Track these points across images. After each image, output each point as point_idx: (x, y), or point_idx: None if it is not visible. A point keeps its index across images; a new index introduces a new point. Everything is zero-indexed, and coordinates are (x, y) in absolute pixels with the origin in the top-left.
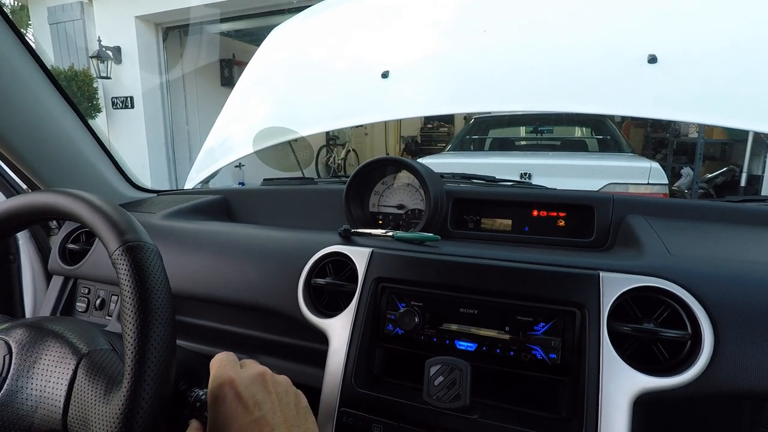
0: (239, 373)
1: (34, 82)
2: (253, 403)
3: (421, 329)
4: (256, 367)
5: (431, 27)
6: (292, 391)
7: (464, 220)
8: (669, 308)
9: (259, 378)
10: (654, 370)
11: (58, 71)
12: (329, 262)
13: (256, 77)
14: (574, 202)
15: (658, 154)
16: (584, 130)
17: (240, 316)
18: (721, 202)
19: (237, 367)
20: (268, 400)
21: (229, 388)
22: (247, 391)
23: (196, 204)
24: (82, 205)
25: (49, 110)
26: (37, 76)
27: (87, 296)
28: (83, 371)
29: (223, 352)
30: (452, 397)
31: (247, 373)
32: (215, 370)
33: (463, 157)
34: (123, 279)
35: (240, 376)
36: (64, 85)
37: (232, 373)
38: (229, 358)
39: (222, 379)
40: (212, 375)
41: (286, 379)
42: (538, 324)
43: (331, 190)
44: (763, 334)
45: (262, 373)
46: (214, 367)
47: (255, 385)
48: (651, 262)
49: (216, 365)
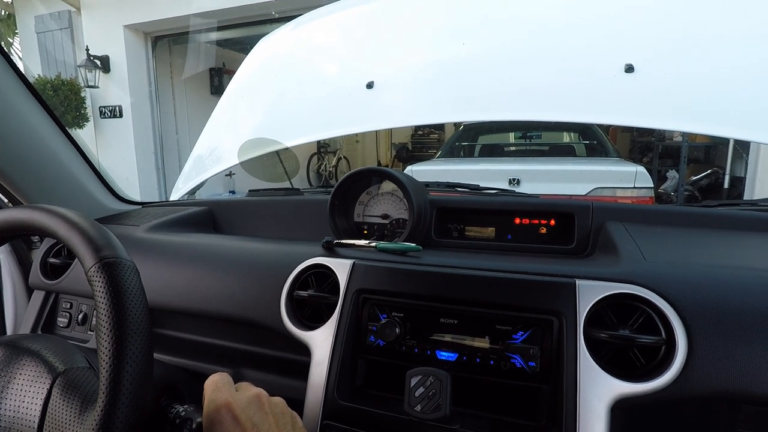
0: (235, 396)
1: (13, 94)
2: (251, 425)
3: (402, 340)
4: (251, 389)
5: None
6: (288, 413)
7: (448, 229)
8: (644, 314)
9: (256, 400)
10: (630, 376)
11: (45, 80)
12: (312, 273)
13: (243, 87)
14: (555, 209)
15: (644, 158)
16: (572, 135)
17: (223, 328)
18: (697, 207)
19: (232, 389)
20: (265, 422)
21: (226, 411)
22: (244, 414)
23: (181, 216)
24: (58, 221)
25: (29, 122)
26: (16, 87)
27: (69, 311)
28: (58, 390)
29: (217, 374)
30: (433, 407)
31: (244, 395)
32: (210, 393)
33: (453, 163)
34: (98, 296)
35: (236, 399)
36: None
37: (228, 396)
38: (224, 380)
39: (218, 402)
40: (207, 398)
41: (282, 400)
42: (517, 332)
43: (317, 201)
44: (735, 337)
45: (258, 395)
46: (209, 389)
47: (252, 407)
48: (626, 268)
49: (211, 388)
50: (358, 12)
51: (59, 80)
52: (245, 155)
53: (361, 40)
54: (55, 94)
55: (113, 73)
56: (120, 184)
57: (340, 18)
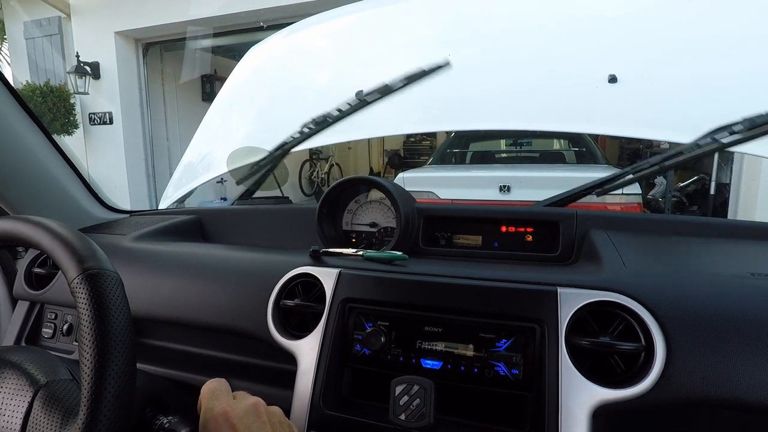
0: (233, 405)
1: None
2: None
3: (387, 349)
4: (249, 398)
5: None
6: (286, 422)
7: (435, 237)
8: (624, 321)
9: (254, 409)
10: (611, 383)
11: (33, 87)
12: (299, 282)
13: (233, 95)
14: (540, 218)
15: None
16: (562, 142)
17: (209, 338)
18: (679, 215)
19: (230, 398)
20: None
21: (224, 420)
22: (241, 423)
23: (169, 225)
24: (41, 232)
25: (14, 130)
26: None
27: (54, 322)
28: (39, 403)
29: (214, 380)
30: (417, 416)
31: (241, 404)
32: (207, 400)
33: (445, 170)
34: (81, 308)
35: (234, 408)
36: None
37: (225, 405)
38: (221, 387)
39: (215, 411)
40: (204, 406)
41: (279, 409)
42: (501, 340)
43: (305, 209)
44: (712, 343)
45: (256, 404)
46: (206, 396)
47: (249, 416)
48: (607, 276)
49: (208, 395)
50: (348, 21)
51: (48, 87)
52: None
53: (352, 49)
54: (43, 100)
55: (103, 79)
56: (109, 192)
57: (331, 27)
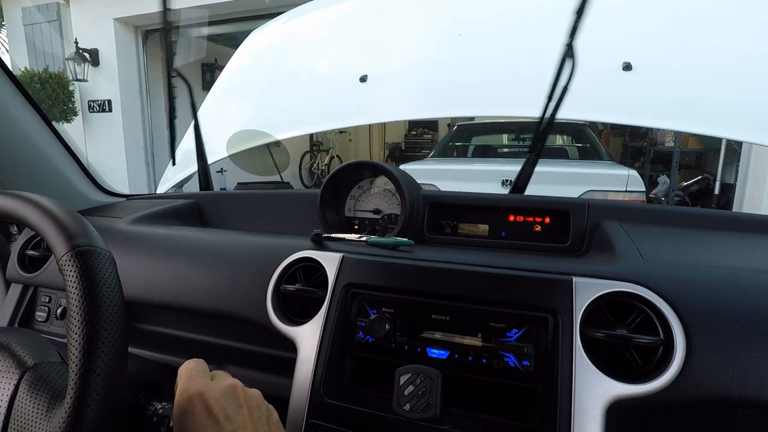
0: (209, 386)
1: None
2: (224, 417)
3: (392, 337)
4: (227, 380)
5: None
6: (264, 406)
7: (441, 225)
8: (642, 314)
9: (231, 391)
10: (627, 377)
11: (32, 73)
12: (299, 267)
13: (233, 80)
14: (550, 207)
15: (636, 163)
16: (565, 138)
17: (207, 323)
18: (694, 208)
19: (207, 378)
20: (239, 414)
21: (199, 401)
22: (217, 405)
23: (166, 208)
24: (30, 207)
25: (9, 111)
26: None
27: (47, 305)
28: (26, 386)
29: (192, 360)
30: (422, 407)
31: (218, 385)
32: (183, 380)
33: (446, 163)
34: (70, 286)
35: (210, 389)
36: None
37: (201, 385)
38: (199, 367)
39: (191, 391)
40: (180, 386)
41: (258, 392)
42: (511, 330)
43: (307, 194)
44: (735, 339)
45: (233, 386)
46: (183, 377)
47: (226, 398)
48: (624, 267)
49: (185, 375)
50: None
51: (47, 73)
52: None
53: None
54: (42, 87)
55: (102, 66)
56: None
57: (334, 11)
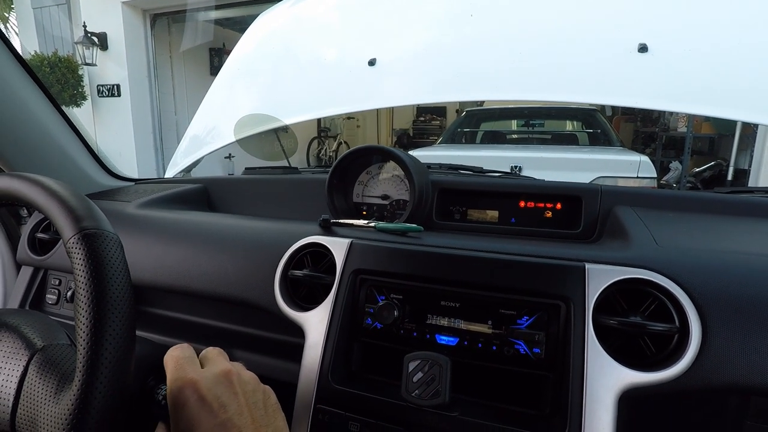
0: (201, 374)
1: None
2: (219, 405)
3: (400, 323)
4: (219, 365)
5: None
6: (260, 389)
7: (450, 211)
8: (656, 300)
9: (224, 377)
10: (640, 365)
11: (42, 57)
12: (307, 253)
13: (240, 64)
14: (562, 192)
15: (647, 148)
16: (575, 124)
17: (215, 308)
18: (708, 193)
19: (197, 365)
20: (234, 401)
21: (192, 390)
22: (211, 393)
23: (174, 193)
24: (37, 190)
25: (18, 94)
26: (4, 57)
27: (58, 288)
28: (35, 368)
29: (177, 347)
30: (431, 393)
31: (211, 372)
32: (172, 370)
33: (455, 149)
34: (78, 268)
35: (203, 377)
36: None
37: (193, 374)
38: (185, 353)
39: (183, 381)
40: (170, 376)
41: (253, 375)
42: (522, 317)
43: (315, 180)
44: (751, 326)
45: (226, 372)
46: (170, 365)
47: (220, 385)
48: (638, 253)
49: (172, 364)
50: None
51: (56, 57)
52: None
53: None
54: (51, 71)
55: (111, 51)
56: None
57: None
